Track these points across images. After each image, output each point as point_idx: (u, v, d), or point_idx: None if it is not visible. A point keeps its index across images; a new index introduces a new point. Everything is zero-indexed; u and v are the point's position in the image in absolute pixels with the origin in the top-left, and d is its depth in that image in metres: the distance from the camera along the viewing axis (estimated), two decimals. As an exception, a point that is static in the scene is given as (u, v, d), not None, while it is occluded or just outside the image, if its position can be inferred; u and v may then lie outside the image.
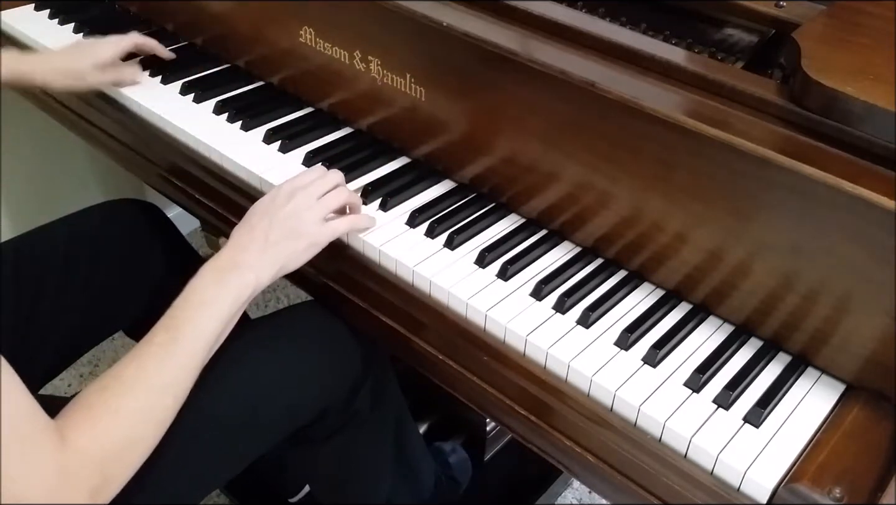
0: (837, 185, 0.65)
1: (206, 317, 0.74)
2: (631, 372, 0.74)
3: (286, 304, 1.86)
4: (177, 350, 0.72)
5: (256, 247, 0.79)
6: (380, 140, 1.02)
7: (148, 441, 0.70)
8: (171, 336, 0.72)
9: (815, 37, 0.76)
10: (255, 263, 0.78)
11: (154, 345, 0.71)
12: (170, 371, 0.71)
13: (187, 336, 0.72)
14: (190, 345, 0.72)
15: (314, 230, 0.83)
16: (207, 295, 0.75)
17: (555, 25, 0.86)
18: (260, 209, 0.83)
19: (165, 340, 0.72)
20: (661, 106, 0.74)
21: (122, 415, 0.67)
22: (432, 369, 0.84)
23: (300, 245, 0.82)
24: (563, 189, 0.85)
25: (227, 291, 0.76)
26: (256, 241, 0.80)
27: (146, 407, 0.69)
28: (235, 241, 0.81)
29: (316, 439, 0.97)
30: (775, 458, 0.67)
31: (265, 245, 0.79)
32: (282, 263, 0.80)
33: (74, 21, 1.24)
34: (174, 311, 0.74)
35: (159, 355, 0.71)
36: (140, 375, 0.70)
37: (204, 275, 0.76)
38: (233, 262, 0.78)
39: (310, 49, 1.01)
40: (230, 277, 0.77)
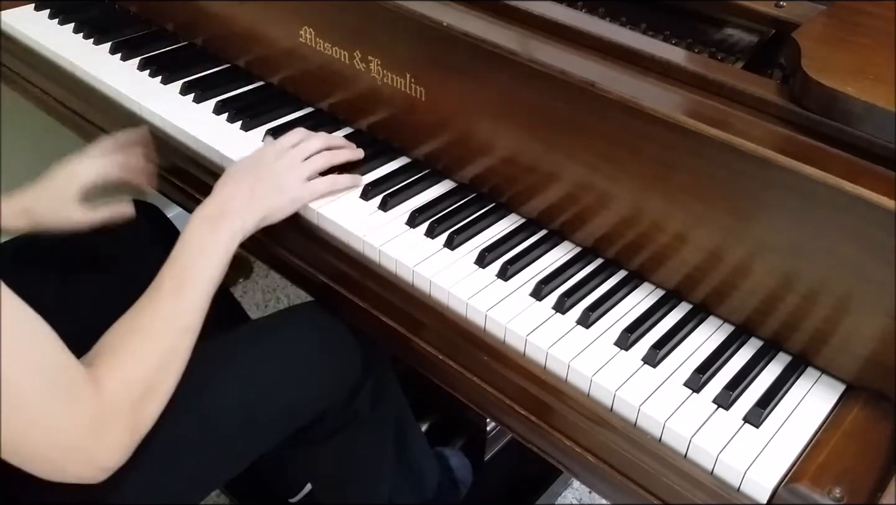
0: (837, 185, 0.65)
1: (205, 262, 0.80)
2: (631, 372, 0.74)
3: (286, 304, 1.86)
4: (185, 295, 0.77)
5: (242, 197, 0.85)
6: (380, 140, 1.02)
7: (172, 379, 0.75)
8: (177, 283, 0.77)
9: (815, 37, 0.76)
10: (242, 211, 0.84)
11: (163, 292, 0.77)
12: (183, 314, 0.77)
13: (192, 281, 0.78)
14: (195, 289, 0.78)
15: (297, 187, 0.89)
16: (203, 242, 0.81)
17: (555, 25, 0.86)
18: (246, 165, 0.89)
19: (173, 288, 0.77)
20: (661, 106, 0.74)
21: (147, 357, 0.73)
22: (432, 369, 0.84)
23: (283, 199, 0.88)
24: (563, 189, 0.85)
25: (220, 237, 0.81)
26: (242, 191, 0.86)
27: (167, 348, 0.75)
28: (221, 191, 0.86)
29: (316, 439, 0.97)
30: (775, 458, 0.67)
31: (250, 196, 0.85)
32: (265, 213, 0.86)
33: (74, 21, 1.24)
34: (175, 260, 0.79)
35: (170, 302, 0.76)
36: (157, 320, 0.75)
37: (196, 224, 0.82)
38: (220, 210, 0.83)
39: (310, 49, 1.01)
40: (221, 223, 0.82)
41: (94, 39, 1.21)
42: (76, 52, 1.18)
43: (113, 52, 1.19)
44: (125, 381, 0.70)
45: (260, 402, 0.86)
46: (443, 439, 1.34)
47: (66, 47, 1.19)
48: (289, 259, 0.95)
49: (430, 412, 1.36)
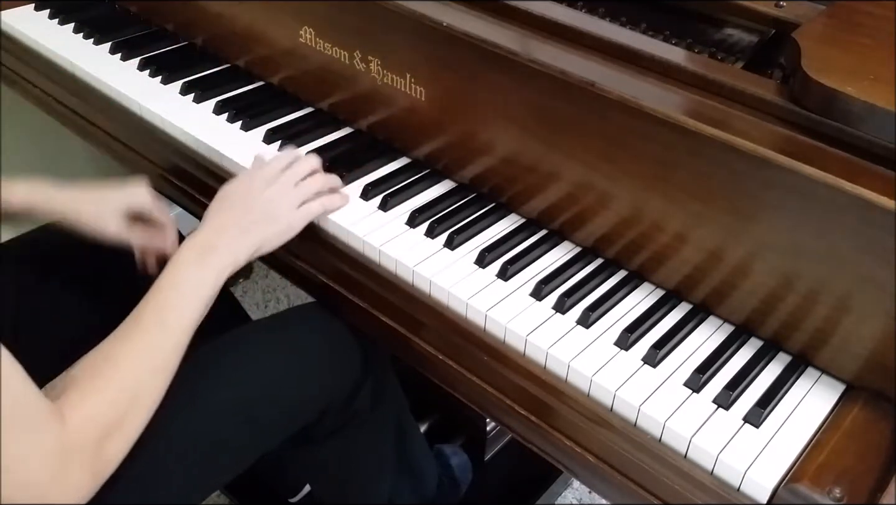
0: (837, 185, 0.65)
1: (190, 299, 0.77)
2: (631, 372, 0.74)
3: (286, 304, 1.86)
4: (164, 333, 0.74)
5: (234, 229, 0.83)
6: (380, 140, 1.02)
7: (140, 419, 0.72)
8: (157, 319, 0.75)
9: (815, 37, 0.76)
10: (234, 245, 0.82)
11: (141, 329, 0.74)
12: (159, 353, 0.74)
13: (173, 319, 0.75)
14: (176, 328, 0.75)
15: (289, 215, 0.86)
16: (190, 278, 0.78)
17: (555, 25, 0.86)
18: (237, 192, 0.86)
19: (152, 324, 0.74)
20: (661, 106, 0.74)
21: (115, 395, 0.70)
22: (432, 369, 0.84)
23: (276, 229, 0.85)
24: (563, 189, 0.85)
25: (208, 273, 0.79)
26: (233, 223, 0.83)
27: (137, 387, 0.71)
28: (212, 222, 0.84)
29: (316, 439, 0.97)
30: (775, 458, 0.67)
31: (242, 228, 0.83)
32: (258, 245, 0.84)
33: (74, 21, 1.24)
34: (159, 292, 0.76)
35: (147, 339, 0.73)
36: (131, 354, 0.72)
37: (185, 257, 0.79)
38: (211, 244, 0.81)
39: (310, 49, 1.01)
40: (210, 259, 0.80)
41: (94, 39, 1.21)
42: (76, 52, 1.18)
43: (113, 52, 1.19)
44: (90, 417, 0.67)
45: (260, 402, 0.86)
46: (443, 439, 1.34)
47: (66, 47, 1.19)
48: (289, 259, 0.95)
49: (430, 412, 1.36)
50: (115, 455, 0.70)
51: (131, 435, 0.71)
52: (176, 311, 0.76)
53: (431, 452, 1.23)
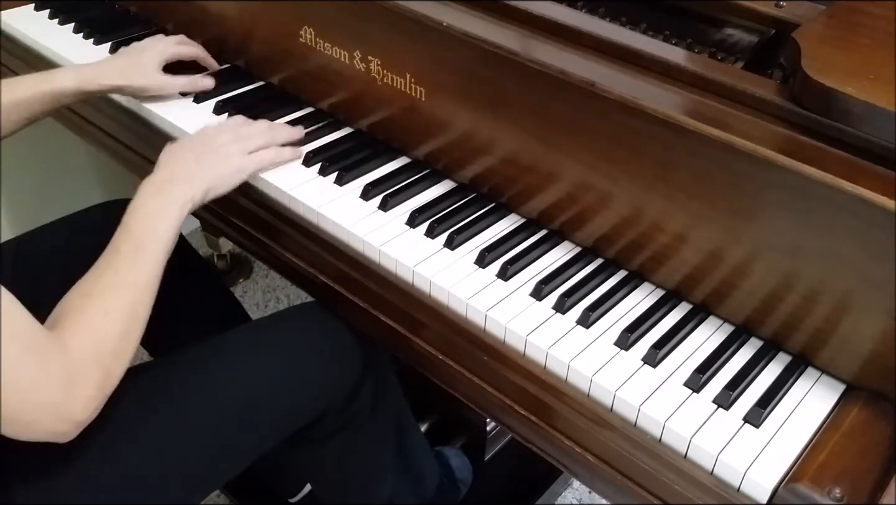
0: (837, 185, 0.65)
1: (159, 223, 0.81)
2: (631, 372, 0.74)
3: (286, 304, 1.86)
4: (143, 254, 0.79)
5: (189, 166, 0.87)
6: (380, 140, 1.02)
7: (135, 334, 0.77)
8: (134, 245, 0.79)
9: (815, 37, 0.76)
10: (191, 178, 0.85)
11: (121, 254, 0.78)
12: (142, 272, 0.78)
13: (148, 241, 0.79)
14: (152, 249, 0.79)
15: (240, 157, 0.91)
16: (155, 206, 0.82)
17: (555, 25, 0.86)
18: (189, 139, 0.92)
19: (131, 249, 0.78)
20: (661, 106, 0.74)
21: (111, 315, 0.74)
22: (432, 369, 0.84)
23: (229, 168, 0.90)
24: (563, 189, 0.85)
25: (171, 201, 0.83)
26: (188, 161, 0.87)
27: (130, 305, 0.76)
28: (166, 162, 0.87)
29: (316, 440, 0.97)
30: (775, 458, 0.67)
31: (197, 165, 0.87)
32: (211, 182, 0.87)
33: (74, 21, 1.24)
34: (128, 224, 0.80)
35: (129, 261, 0.78)
36: (118, 280, 0.76)
37: (145, 191, 0.83)
38: (169, 177, 0.85)
39: (310, 49, 1.01)
40: (171, 189, 0.84)
41: (94, 39, 1.21)
42: (76, 53, 1.18)
43: (113, 52, 1.19)
44: (94, 338, 0.72)
45: (260, 402, 0.86)
46: (443, 439, 1.34)
47: (66, 47, 1.19)
48: (289, 259, 0.95)
49: (430, 412, 1.36)
50: (120, 368, 0.74)
51: (131, 348, 0.76)
52: (148, 236, 0.79)
53: (431, 453, 1.23)
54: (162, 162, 0.87)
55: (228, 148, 0.91)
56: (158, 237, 0.80)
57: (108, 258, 0.78)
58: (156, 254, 0.79)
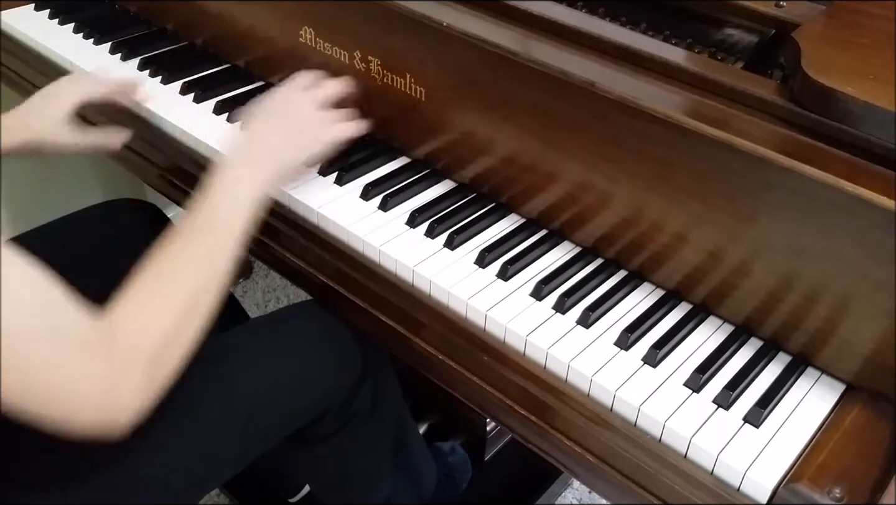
0: (837, 185, 0.65)
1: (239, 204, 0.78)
2: (631, 372, 0.74)
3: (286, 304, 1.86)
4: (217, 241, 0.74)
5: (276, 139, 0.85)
6: (380, 140, 1.02)
7: (195, 330, 0.71)
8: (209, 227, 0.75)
9: (815, 37, 0.76)
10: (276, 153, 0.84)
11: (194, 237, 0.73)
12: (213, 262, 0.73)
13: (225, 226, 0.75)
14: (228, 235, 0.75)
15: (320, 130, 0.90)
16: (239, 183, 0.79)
17: (555, 25, 0.86)
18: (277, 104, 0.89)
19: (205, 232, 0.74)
20: (661, 106, 0.74)
21: (170, 303, 0.69)
22: (432, 369, 0.84)
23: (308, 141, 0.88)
24: (563, 189, 0.85)
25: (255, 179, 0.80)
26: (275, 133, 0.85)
27: (192, 293, 0.71)
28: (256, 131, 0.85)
29: (316, 439, 0.97)
30: (775, 458, 0.67)
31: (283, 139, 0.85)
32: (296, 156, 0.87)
33: (74, 21, 1.24)
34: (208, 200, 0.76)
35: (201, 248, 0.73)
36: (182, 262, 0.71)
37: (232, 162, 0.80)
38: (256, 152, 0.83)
39: (310, 49, 1.01)
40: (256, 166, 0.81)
41: (94, 39, 1.21)
42: (76, 52, 1.18)
43: (113, 52, 1.19)
44: (144, 329, 0.67)
45: (259, 401, 0.86)
46: (443, 439, 1.34)
47: (66, 47, 1.19)
48: (289, 259, 0.95)
49: (430, 412, 1.36)
50: (172, 365, 0.69)
51: (187, 343, 0.70)
52: (227, 218, 0.76)
53: (429, 453, 1.23)
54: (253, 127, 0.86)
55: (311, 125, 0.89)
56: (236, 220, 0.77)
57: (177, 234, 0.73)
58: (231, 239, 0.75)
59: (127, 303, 0.68)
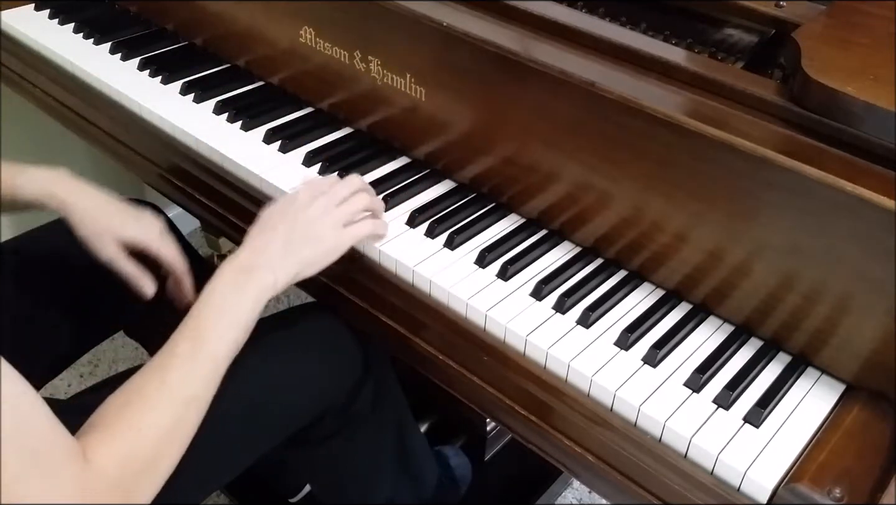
0: (837, 185, 0.65)
1: (226, 324, 0.73)
2: (631, 372, 0.74)
3: (286, 304, 1.86)
4: (200, 361, 0.70)
5: (275, 249, 0.78)
6: (380, 140, 1.02)
7: (171, 458, 0.68)
8: (193, 346, 0.70)
9: (815, 37, 0.76)
10: (275, 266, 0.77)
11: (176, 356, 0.70)
12: (193, 383, 0.69)
13: (209, 346, 0.71)
14: (212, 354, 0.71)
15: (334, 235, 0.81)
16: (228, 301, 0.74)
17: (555, 25, 0.86)
18: (278, 212, 0.81)
19: (187, 351, 0.70)
20: (661, 106, 0.74)
21: (145, 432, 0.65)
22: (432, 369, 0.84)
23: (319, 250, 0.80)
24: (563, 189, 0.85)
25: (247, 296, 0.74)
26: (275, 243, 0.78)
27: (170, 423, 0.67)
28: (253, 242, 0.79)
29: (316, 439, 0.97)
30: (775, 458, 0.67)
31: (284, 248, 0.78)
32: (300, 268, 0.79)
33: (74, 21, 1.24)
34: (195, 319, 0.72)
35: (182, 368, 0.69)
36: (163, 389, 0.68)
37: (222, 278, 0.75)
38: (251, 264, 0.76)
39: (310, 49, 1.01)
40: (250, 280, 0.75)
41: (94, 39, 1.21)
42: (76, 52, 1.18)
43: (113, 52, 1.19)
44: (118, 456, 0.63)
45: (260, 402, 0.86)
46: (443, 439, 1.34)
47: (66, 47, 1.19)
48: (289, 259, 0.95)
49: (430, 412, 1.36)
50: (145, 495, 0.66)
51: (163, 472, 0.67)
52: (212, 339, 0.71)
53: (431, 453, 1.23)
54: (248, 240, 0.78)
55: (322, 224, 0.80)
56: (221, 343, 0.72)
57: (162, 357, 0.70)
58: (214, 363, 0.71)
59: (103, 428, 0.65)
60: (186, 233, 1.23)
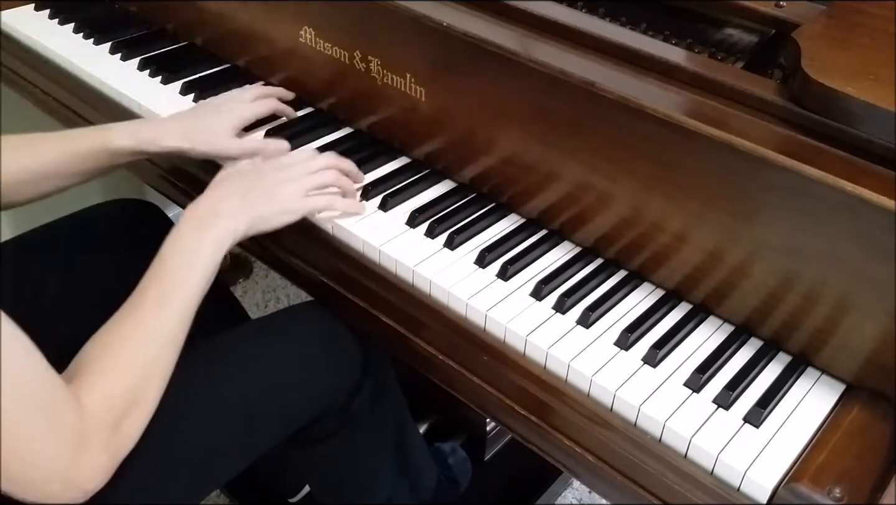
0: (837, 185, 0.65)
1: (192, 266, 0.76)
2: (631, 372, 0.74)
3: (286, 304, 1.86)
4: (170, 302, 0.74)
5: (236, 199, 0.82)
6: (380, 140, 1.02)
7: (154, 394, 0.72)
8: (160, 291, 0.74)
9: (815, 37, 0.76)
10: (234, 213, 0.80)
11: (147, 300, 0.73)
12: (167, 324, 0.73)
13: (177, 288, 0.75)
14: (181, 297, 0.75)
15: (291, 199, 0.85)
16: (190, 245, 0.77)
17: (555, 25, 0.86)
18: (243, 169, 0.87)
19: (156, 296, 0.74)
20: (661, 106, 0.74)
21: (127, 370, 0.69)
22: (432, 369, 0.84)
23: (275, 208, 0.84)
24: (563, 189, 0.85)
25: (209, 240, 0.78)
26: (236, 194, 0.82)
27: (149, 360, 0.71)
28: (214, 191, 0.83)
29: (316, 439, 0.97)
30: (775, 458, 0.67)
31: (243, 199, 0.82)
32: (252, 220, 0.82)
33: (74, 21, 1.24)
34: (160, 263, 0.76)
35: (154, 310, 0.73)
36: (139, 330, 0.72)
37: (186, 223, 0.78)
38: (211, 210, 0.80)
39: (310, 49, 1.01)
40: (211, 224, 0.79)
41: (94, 39, 1.21)
42: (76, 52, 1.18)
43: (113, 52, 1.19)
44: (105, 397, 0.67)
45: (260, 402, 0.86)
46: (443, 439, 1.34)
47: (66, 47, 1.19)
48: (289, 259, 0.95)
49: (430, 412, 1.36)
50: (132, 432, 0.70)
51: (147, 410, 0.71)
52: (178, 282, 0.75)
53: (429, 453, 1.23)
54: (209, 190, 0.83)
55: (283, 186, 0.85)
56: (189, 282, 0.75)
57: (133, 301, 0.74)
58: (184, 301, 0.74)
59: (87, 372, 0.69)
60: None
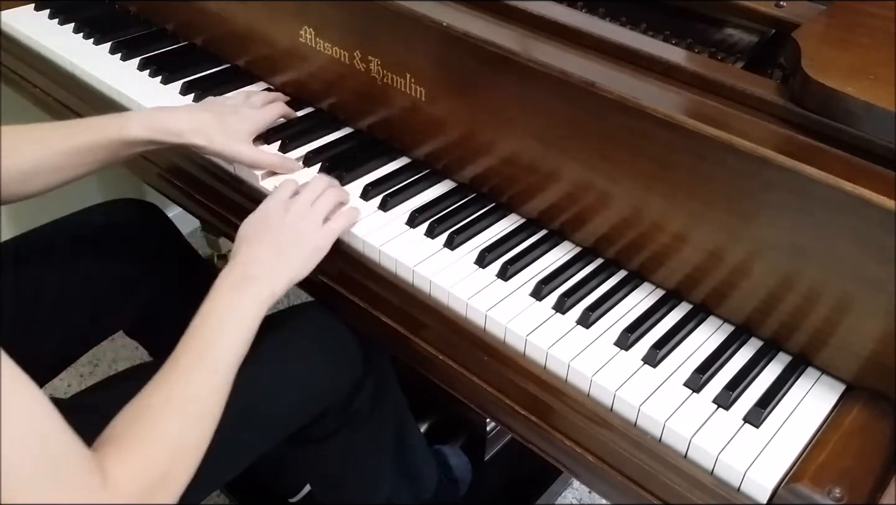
0: (837, 185, 0.65)
1: (227, 335, 0.73)
2: (631, 372, 0.74)
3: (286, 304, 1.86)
4: (204, 376, 0.70)
5: (268, 259, 0.79)
6: (380, 140, 1.02)
7: (186, 472, 0.67)
8: (196, 362, 0.70)
9: (815, 37, 0.76)
10: (270, 275, 0.78)
11: (179, 369, 0.69)
12: (200, 400, 0.69)
13: (213, 361, 0.71)
14: (216, 369, 0.71)
15: (316, 233, 0.83)
16: (226, 313, 0.74)
17: (555, 25, 0.86)
18: (258, 224, 0.83)
19: (192, 368, 0.70)
20: (661, 106, 0.74)
21: (156, 445, 0.65)
22: (432, 369, 0.84)
23: (308, 250, 0.82)
24: (563, 189, 0.85)
25: (246, 307, 0.75)
26: (266, 253, 0.79)
27: (180, 440, 0.67)
28: (243, 257, 0.79)
29: (316, 439, 0.97)
30: (775, 458, 0.67)
31: (276, 257, 0.79)
32: (295, 272, 0.80)
33: (74, 21, 1.24)
34: (195, 331, 0.72)
35: (187, 385, 0.69)
36: (170, 401, 0.67)
37: (219, 292, 0.75)
38: (246, 275, 0.77)
39: (310, 49, 1.01)
40: (246, 291, 0.76)
41: (94, 39, 1.21)
42: (76, 52, 1.18)
43: (113, 52, 1.19)
44: (132, 470, 0.62)
45: (260, 402, 0.86)
46: (443, 439, 1.34)
47: (66, 47, 1.19)
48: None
49: (430, 412, 1.36)
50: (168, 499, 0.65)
51: (177, 488, 0.66)
52: (215, 351, 0.72)
53: (430, 453, 1.23)
54: (240, 250, 0.80)
55: (304, 225, 0.82)
56: (226, 352, 0.72)
57: (166, 371, 0.69)
58: (220, 374, 0.71)
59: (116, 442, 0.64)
60: (186, 233, 1.23)
